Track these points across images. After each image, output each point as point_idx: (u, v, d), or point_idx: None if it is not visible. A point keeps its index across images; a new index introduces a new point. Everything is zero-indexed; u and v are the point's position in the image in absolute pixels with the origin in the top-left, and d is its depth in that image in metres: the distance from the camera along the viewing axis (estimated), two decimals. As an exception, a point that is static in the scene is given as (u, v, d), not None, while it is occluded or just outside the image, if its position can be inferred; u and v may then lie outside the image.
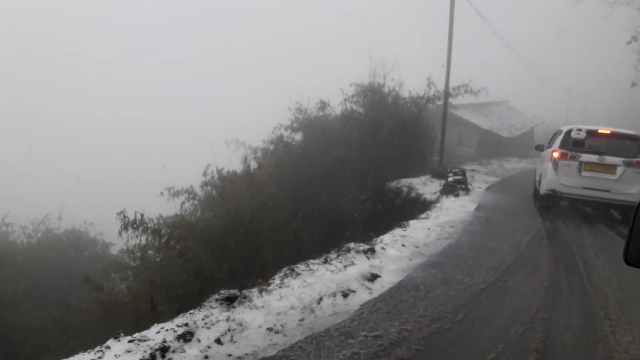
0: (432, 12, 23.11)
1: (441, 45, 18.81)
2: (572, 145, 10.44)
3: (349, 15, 74.00)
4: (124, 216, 9.42)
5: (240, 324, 3.96)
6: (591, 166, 10.21)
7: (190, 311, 4.04)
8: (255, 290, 4.54)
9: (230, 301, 4.25)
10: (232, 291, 4.36)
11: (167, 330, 3.65)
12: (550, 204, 11.20)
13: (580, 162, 10.30)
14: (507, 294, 5.72)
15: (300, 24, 71.63)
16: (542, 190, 11.05)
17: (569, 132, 10.74)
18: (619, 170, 10.05)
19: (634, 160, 10.08)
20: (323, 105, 19.93)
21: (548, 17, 57.29)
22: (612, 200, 10.21)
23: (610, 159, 10.13)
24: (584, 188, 10.24)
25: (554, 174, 10.51)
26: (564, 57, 53.82)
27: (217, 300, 4.24)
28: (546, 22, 58.47)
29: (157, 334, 3.61)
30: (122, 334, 3.58)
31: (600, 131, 10.60)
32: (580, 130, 10.54)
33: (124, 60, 61.67)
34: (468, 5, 19.16)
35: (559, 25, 52.76)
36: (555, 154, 10.59)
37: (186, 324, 3.76)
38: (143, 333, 3.61)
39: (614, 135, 10.57)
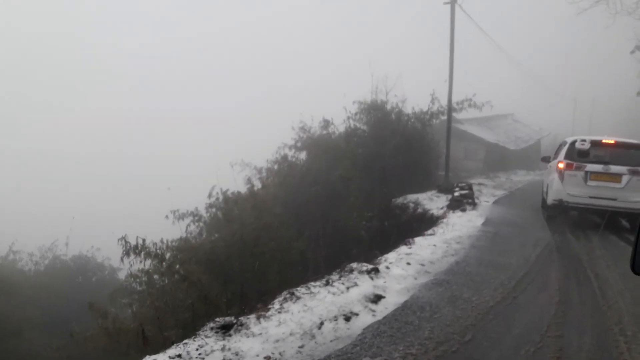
0: (435, 27, 23.18)
1: (444, 60, 18.80)
2: (577, 155, 10.61)
3: (351, 32, 74.72)
4: (125, 241, 9.32)
5: (237, 354, 3.79)
6: (596, 176, 10.32)
7: (185, 341, 3.89)
8: (252, 317, 4.38)
9: (226, 329, 4.08)
10: (228, 319, 4.20)
11: (159, 362, 3.51)
12: (558, 214, 11.28)
13: (586, 172, 10.41)
14: (517, 311, 5.52)
15: (304, 42, 72.42)
16: (550, 200, 11.22)
17: (573, 143, 10.89)
18: (625, 178, 10.14)
19: (639, 168, 10.16)
20: (326, 123, 19.88)
21: (551, 29, 57.39)
22: (618, 209, 10.29)
23: (615, 168, 10.23)
24: (590, 197, 10.35)
25: (560, 184, 10.67)
26: (568, 68, 53.79)
27: (212, 328, 4.08)
28: (549, 34, 58.59)
29: (148, 366, 3.46)
30: (112, 367, 3.43)
31: (604, 141, 10.75)
32: (584, 140, 10.70)
33: (130, 85, 62.55)
34: (471, 22, 19.19)
35: (562, 36, 52.82)
36: (561, 165, 10.76)
37: (179, 355, 3.61)
38: (134, 366, 3.45)
39: (618, 144, 10.69)
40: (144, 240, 9.58)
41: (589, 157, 10.53)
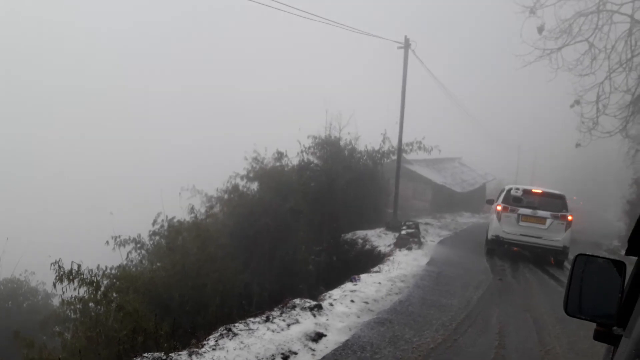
0: (390, 69, 23.83)
1: (396, 101, 19.30)
2: (512, 201, 12.62)
3: (307, 70, 76.00)
4: (59, 266, 8.79)
5: (164, 393, 3.56)
6: (526, 218, 12.37)
7: (108, 378, 3.61)
8: (184, 353, 4.14)
9: (154, 366, 3.84)
10: (157, 354, 3.95)
11: (76, 401, 3.22)
12: (496, 247, 13.14)
13: (518, 214, 12.42)
14: (457, 354, 5.51)
15: (261, 77, 73.00)
16: (489, 236, 13.17)
17: (509, 190, 12.99)
18: (548, 221, 12.22)
19: (559, 214, 12.29)
20: (280, 155, 19.82)
21: (499, 81, 60.22)
22: (543, 245, 12.31)
23: (541, 213, 12.31)
24: (521, 235, 12.38)
25: (498, 223, 12.65)
26: (514, 117, 56.40)
27: (139, 365, 3.83)
28: (497, 85, 61.45)
29: (64, 405, 3.18)
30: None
31: (534, 190, 12.95)
32: (518, 189, 12.90)
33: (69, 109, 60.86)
34: (423, 67, 19.86)
35: (509, 88, 55.53)
36: (499, 208, 12.74)
37: (100, 394, 3.34)
38: (48, 404, 3.16)
39: (544, 194, 12.83)
40: (79, 266, 9.07)
41: (521, 202, 12.54)
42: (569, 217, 12.31)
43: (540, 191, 12.87)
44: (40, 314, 14.49)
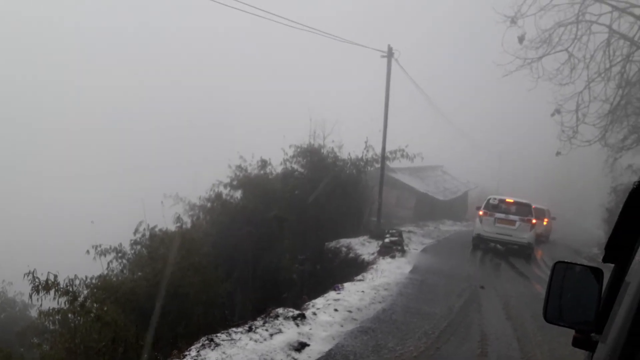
0: (372, 77, 23.97)
1: (380, 109, 19.43)
2: (491, 207, 15.99)
3: (290, 78, 75.89)
4: (34, 277, 8.59)
5: (143, 405, 3.51)
6: (501, 220, 15.62)
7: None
8: (165, 364, 4.09)
9: (134, 378, 3.78)
10: (137, 366, 3.89)
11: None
12: (479, 243, 16.15)
13: (495, 218, 15.68)
14: (440, 362, 5.52)
15: (245, 86, 72.81)
16: (473, 234, 16.36)
17: (489, 199, 16.56)
18: (517, 223, 15.48)
19: (526, 218, 15.54)
20: (264, 163, 19.79)
21: (480, 90, 60.68)
22: (512, 242, 15.68)
23: (512, 217, 15.61)
24: (497, 233, 15.65)
25: (480, 224, 15.97)
26: (495, 126, 56.85)
27: (118, 377, 3.76)
28: (479, 95, 61.88)
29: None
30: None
31: (507, 200, 16.55)
32: (495, 198, 16.59)
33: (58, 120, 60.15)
34: (404, 74, 20.03)
35: (491, 98, 55.97)
36: (480, 212, 16.10)
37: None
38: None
39: (515, 202, 16.30)
40: (55, 277, 8.89)
41: (498, 208, 15.91)
42: (533, 221, 15.71)
43: (512, 200, 16.47)
44: (17, 325, 14.24)
